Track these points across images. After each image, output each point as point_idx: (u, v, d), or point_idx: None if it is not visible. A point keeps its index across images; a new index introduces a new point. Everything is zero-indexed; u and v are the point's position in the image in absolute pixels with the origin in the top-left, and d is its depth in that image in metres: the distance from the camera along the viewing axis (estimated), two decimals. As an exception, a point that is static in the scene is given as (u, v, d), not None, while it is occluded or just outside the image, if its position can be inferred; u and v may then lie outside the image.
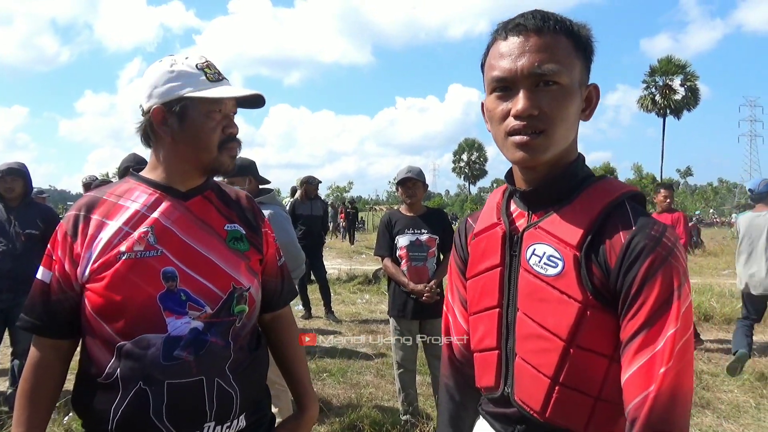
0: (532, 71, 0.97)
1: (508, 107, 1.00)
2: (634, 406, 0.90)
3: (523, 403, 1.06)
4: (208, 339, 1.21)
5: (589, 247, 0.99)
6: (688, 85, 44.09)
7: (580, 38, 1.01)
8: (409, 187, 3.73)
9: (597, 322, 0.97)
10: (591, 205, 1.01)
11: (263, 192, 3.37)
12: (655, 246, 0.93)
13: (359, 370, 5.03)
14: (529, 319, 1.04)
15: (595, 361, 0.98)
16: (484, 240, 1.16)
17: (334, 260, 13.89)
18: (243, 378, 1.27)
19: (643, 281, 0.92)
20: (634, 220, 0.98)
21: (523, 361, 1.06)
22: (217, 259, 1.26)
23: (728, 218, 39.83)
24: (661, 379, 0.88)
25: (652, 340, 0.90)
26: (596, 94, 1.07)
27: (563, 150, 1.04)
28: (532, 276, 1.04)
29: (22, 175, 4.06)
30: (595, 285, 0.97)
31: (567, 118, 1.00)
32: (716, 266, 13.54)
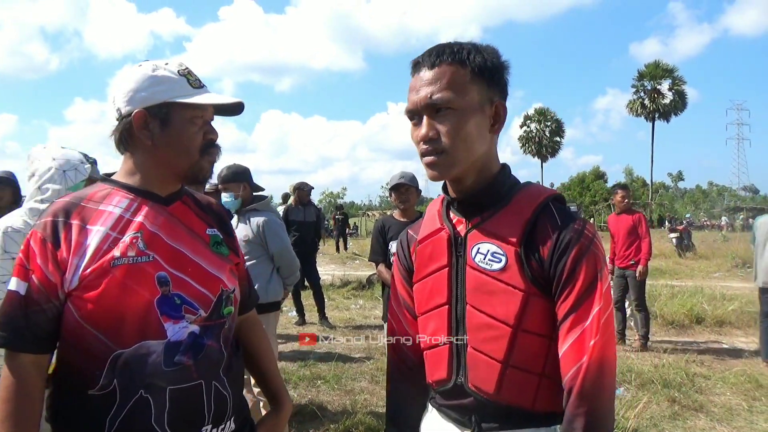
0: (426, 102, 1.13)
1: (418, 133, 1.16)
2: (570, 376, 1.06)
3: (476, 388, 1.17)
4: (205, 342, 1.21)
5: (526, 244, 1.13)
6: (676, 89, 44.58)
7: (475, 65, 1.14)
8: (402, 193, 3.73)
9: (538, 308, 1.12)
10: (523, 208, 1.17)
11: (257, 198, 3.36)
12: (579, 238, 1.11)
13: (354, 377, 5.01)
14: (478, 311, 1.17)
15: (538, 342, 1.13)
16: (429, 245, 1.27)
17: (327, 266, 13.86)
18: (234, 380, 1.29)
19: (572, 268, 1.09)
20: (560, 218, 1.15)
21: (474, 350, 1.18)
22: (204, 263, 1.26)
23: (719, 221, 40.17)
24: (591, 351, 1.04)
25: (581, 317, 1.07)
26: (503, 110, 1.19)
27: (476, 163, 1.17)
28: (478, 272, 1.17)
29: (11, 184, 4.02)
30: (534, 275, 1.12)
31: (465, 137, 1.13)
32: (707, 269, 13.64)
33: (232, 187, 3.29)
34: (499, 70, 1.18)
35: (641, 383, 4.75)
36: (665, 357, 5.72)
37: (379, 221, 4.01)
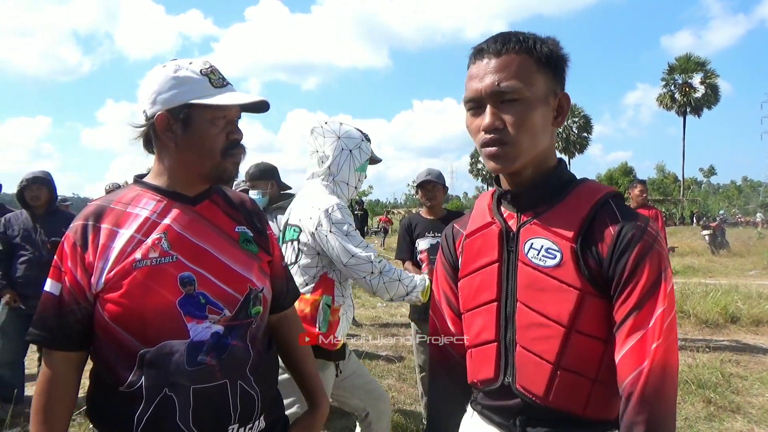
0: (493, 90, 1.08)
1: (480, 123, 1.11)
2: (630, 381, 0.99)
3: (525, 390, 1.13)
4: (230, 342, 1.21)
5: (583, 240, 1.09)
6: (708, 82, 43.43)
7: (541, 54, 1.11)
8: (428, 190, 3.71)
9: (594, 308, 1.07)
10: (581, 204, 1.12)
11: (284, 197, 3.38)
12: (642, 235, 1.05)
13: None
14: (530, 309, 1.12)
15: (593, 344, 1.08)
16: (479, 239, 1.24)
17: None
18: (262, 379, 1.28)
19: (634, 267, 1.03)
20: (621, 215, 1.09)
21: (524, 349, 1.13)
22: (231, 262, 1.26)
23: (753, 218, 39.01)
24: (653, 355, 0.98)
25: (643, 319, 1.01)
26: (566, 101, 1.16)
27: (537, 156, 1.14)
28: (531, 268, 1.13)
29: (47, 184, 4.14)
30: (591, 274, 1.07)
31: (530, 128, 1.09)
32: (743, 267, 13.28)
33: (259, 185, 3.32)
34: (562, 61, 1.15)
35: (674, 383, 4.64)
36: (699, 357, 5.58)
37: (405, 219, 4.00)
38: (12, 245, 4.04)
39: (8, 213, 4.28)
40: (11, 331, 4.01)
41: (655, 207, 6.48)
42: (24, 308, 3.99)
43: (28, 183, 4.06)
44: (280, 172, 3.56)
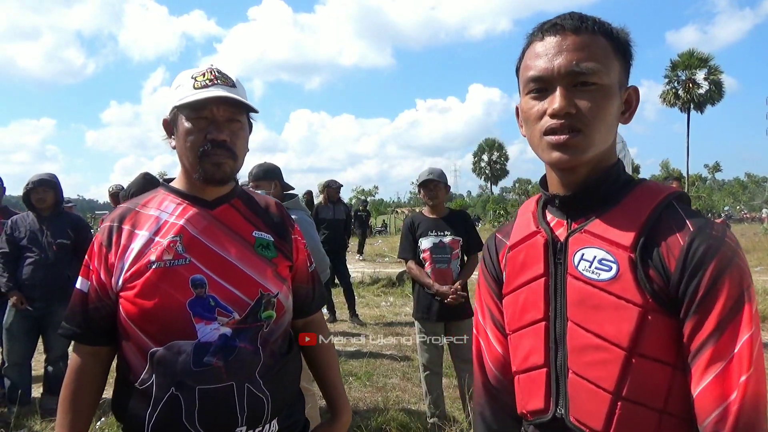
0: (569, 69, 0.95)
1: (545, 107, 0.97)
2: (714, 419, 0.84)
3: (580, 423, 0.98)
4: (237, 345, 1.22)
5: (643, 250, 0.93)
6: (712, 78, 43.21)
7: (618, 40, 0.99)
8: (431, 189, 3.72)
9: (658, 328, 0.91)
10: (639, 207, 0.97)
11: (288, 197, 3.40)
12: (719, 247, 0.89)
13: (385, 373, 5.03)
14: (583, 329, 0.97)
15: (659, 370, 0.92)
16: (522, 251, 1.10)
17: (357, 263, 13.91)
18: (274, 383, 1.28)
19: (710, 285, 0.87)
20: (690, 221, 0.93)
21: (577, 376, 0.98)
22: (244, 266, 1.27)
23: (759, 214, 38.81)
24: (743, 388, 0.83)
25: (726, 346, 0.85)
26: (636, 96, 1.04)
27: (602, 153, 1.00)
28: (582, 282, 0.98)
29: (53, 186, 4.16)
30: (654, 288, 0.92)
31: (605, 118, 0.96)
32: (748, 263, 13.21)
33: (263, 185, 3.32)
34: (631, 53, 1.02)
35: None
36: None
37: (408, 218, 4.01)
38: (18, 247, 4.07)
39: (14, 215, 4.30)
40: (18, 332, 4.05)
41: None
42: (31, 310, 4.02)
43: (34, 185, 4.08)
44: (283, 172, 3.58)
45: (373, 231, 20.37)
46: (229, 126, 1.28)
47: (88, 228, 4.62)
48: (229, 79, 1.31)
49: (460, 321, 3.60)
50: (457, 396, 3.99)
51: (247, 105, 1.31)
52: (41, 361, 4.33)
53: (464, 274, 3.67)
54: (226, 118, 1.28)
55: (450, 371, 4.24)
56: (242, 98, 1.29)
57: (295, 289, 1.43)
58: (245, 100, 1.30)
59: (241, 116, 1.31)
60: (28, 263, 4.05)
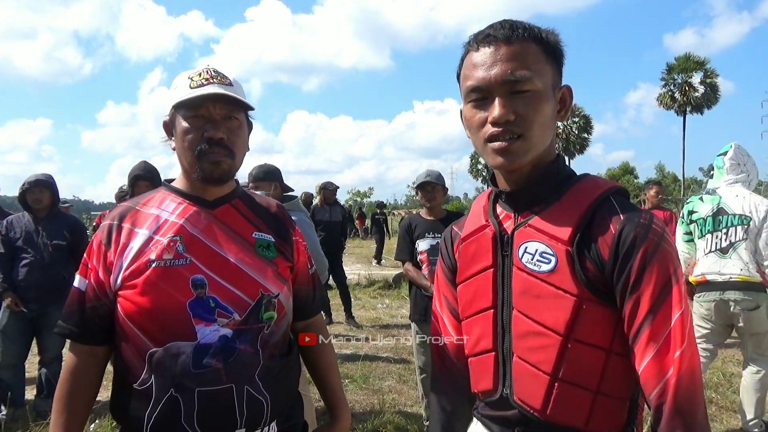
0: (505, 79, 1.01)
1: (485, 115, 1.04)
2: (657, 393, 0.93)
3: (522, 402, 1.07)
4: (237, 346, 1.22)
5: (580, 242, 1.01)
6: (708, 82, 43.42)
7: (548, 44, 1.06)
8: (428, 191, 3.72)
9: (593, 315, 1.00)
10: (578, 202, 1.05)
11: (287, 199, 3.39)
12: (646, 234, 0.97)
13: (381, 376, 5.02)
14: (525, 317, 1.06)
15: (593, 354, 1.01)
16: (474, 243, 1.18)
17: (353, 265, 13.89)
18: (273, 385, 1.27)
19: (641, 270, 0.95)
20: (622, 212, 1.01)
21: (520, 359, 1.07)
22: (244, 266, 1.27)
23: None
24: (678, 363, 0.92)
25: (660, 326, 0.94)
26: (569, 95, 1.11)
27: (542, 152, 1.07)
28: (526, 273, 1.06)
29: (50, 187, 4.14)
30: (589, 279, 1.00)
31: (542, 121, 1.03)
32: (743, 266, 13.25)
33: (263, 186, 3.32)
34: (562, 54, 1.10)
35: (675, 383, 4.64)
36: (700, 357, 5.58)
37: (405, 220, 4.01)
38: (13, 248, 4.04)
39: (8, 216, 4.28)
40: (12, 334, 4.02)
41: (669, 209, 6.49)
42: (25, 312, 4.00)
43: (30, 186, 4.06)
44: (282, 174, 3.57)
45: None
46: (226, 124, 1.27)
47: (85, 229, 4.60)
48: (225, 78, 1.31)
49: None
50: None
51: (243, 102, 1.30)
52: (35, 363, 4.30)
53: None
54: (222, 116, 1.27)
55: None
56: (238, 96, 1.29)
57: (295, 291, 1.42)
58: (241, 98, 1.30)
59: (238, 114, 1.31)
60: (24, 264, 4.02)
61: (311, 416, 2.80)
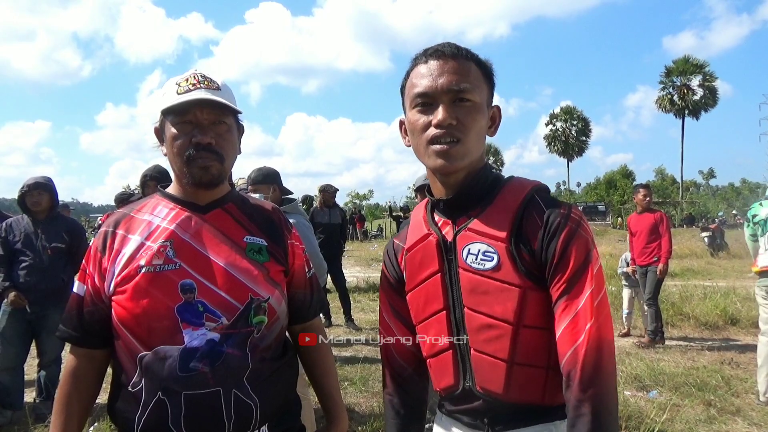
0: (450, 88, 1.13)
1: (429, 119, 1.15)
2: (567, 360, 1.05)
3: (485, 390, 1.17)
4: (225, 350, 1.22)
5: (515, 238, 1.14)
6: (707, 84, 43.53)
7: (486, 67, 1.21)
8: (427, 194, 3.72)
9: (536, 301, 1.12)
10: (509, 203, 1.17)
11: (286, 201, 3.40)
12: (566, 222, 1.11)
13: (379, 378, 4.99)
14: (477, 313, 1.16)
15: (540, 335, 1.13)
16: (419, 252, 1.26)
17: (352, 268, 13.89)
18: (263, 389, 1.26)
19: (562, 251, 1.09)
20: (545, 206, 1.15)
21: (478, 352, 1.17)
22: (234, 270, 1.27)
23: (752, 219, 38.84)
24: (587, 334, 1.04)
25: (574, 300, 1.07)
26: (499, 114, 1.25)
27: (475, 160, 1.19)
28: (472, 273, 1.16)
29: (49, 189, 4.14)
30: (527, 269, 1.12)
31: (478, 130, 1.16)
32: (741, 269, 13.25)
33: (261, 189, 3.33)
34: (494, 80, 1.24)
35: (674, 386, 4.65)
36: (699, 359, 5.59)
37: (405, 223, 4.01)
38: (12, 251, 4.04)
39: (7, 218, 4.28)
40: (12, 336, 4.02)
41: (659, 210, 6.60)
42: (29, 312, 3.99)
43: (30, 189, 4.06)
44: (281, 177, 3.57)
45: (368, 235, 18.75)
46: (214, 129, 1.28)
47: (83, 232, 4.60)
48: (213, 83, 1.32)
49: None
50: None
51: (230, 107, 1.31)
52: (34, 365, 4.30)
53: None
54: (210, 121, 1.28)
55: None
56: (225, 100, 1.29)
57: (291, 295, 1.42)
58: (228, 102, 1.30)
59: (226, 118, 1.31)
60: (23, 267, 4.02)
61: (310, 419, 2.80)
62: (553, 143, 52.45)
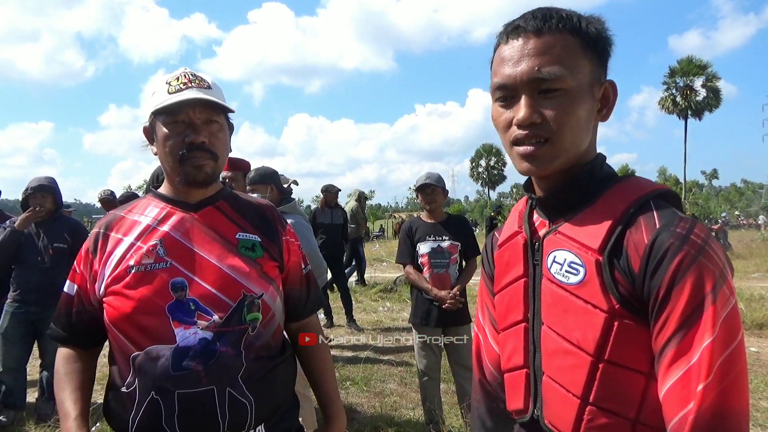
0: (531, 76, 0.92)
1: (511, 116, 0.96)
2: (673, 427, 0.81)
3: (553, 426, 0.98)
4: (218, 349, 1.21)
5: (612, 251, 0.90)
6: (710, 85, 43.40)
7: (588, 34, 0.95)
8: (428, 194, 3.72)
9: (627, 334, 0.88)
10: (613, 206, 0.93)
11: (285, 201, 3.39)
12: (682, 244, 0.84)
13: (383, 379, 5.02)
14: (554, 333, 0.97)
15: (630, 378, 0.89)
16: (507, 250, 1.10)
17: (354, 269, 13.87)
18: (258, 387, 1.25)
19: (671, 284, 0.83)
20: (659, 218, 0.88)
21: (550, 379, 0.98)
22: (226, 267, 1.27)
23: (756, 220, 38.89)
24: (700, 398, 0.78)
25: (685, 350, 0.81)
26: (613, 90, 1.00)
27: (576, 156, 0.97)
28: (555, 285, 0.96)
29: (52, 192, 4.14)
30: (621, 293, 0.89)
31: (575, 123, 0.93)
32: (745, 269, 13.21)
33: (259, 189, 3.32)
34: (608, 44, 0.98)
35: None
36: (702, 360, 5.56)
37: (406, 223, 4.01)
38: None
39: (7, 218, 4.27)
40: (14, 337, 4.02)
41: None
42: (29, 312, 4.00)
43: (34, 191, 4.05)
44: (281, 176, 3.58)
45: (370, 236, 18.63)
46: (207, 128, 1.28)
47: (86, 232, 4.59)
48: (203, 81, 1.32)
49: (459, 326, 3.58)
50: (454, 402, 3.98)
51: (223, 106, 1.31)
52: (36, 366, 4.30)
53: (462, 279, 3.65)
54: (203, 120, 1.28)
55: (448, 377, 4.22)
56: (217, 99, 1.29)
57: (287, 291, 1.41)
58: (220, 101, 1.30)
59: (218, 117, 1.31)
60: (25, 267, 4.02)
61: (312, 419, 2.80)
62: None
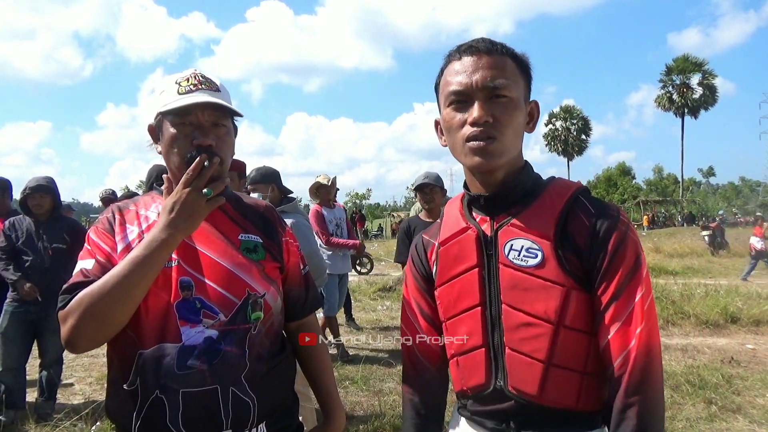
0: (485, 84, 1.12)
1: (465, 117, 1.14)
2: (618, 364, 1.04)
3: (518, 391, 1.14)
4: (222, 348, 1.22)
5: (560, 237, 1.12)
6: (706, 83, 43.51)
7: (522, 62, 1.18)
8: (426, 193, 3.73)
9: (578, 303, 1.11)
10: (554, 202, 1.16)
11: (286, 201, 3.40)
12: (616, 224, 1.10)
13: (382, 377, 5.03)
14: (516, 310, 1.14)
15: (580, 338, 1.11)
16: (455, 245, 1.24)
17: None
18: (261, 386, 1.27)
19: (613, 254, 1.08)
20: (593, 207, 1.14)
21: (513, 351, 1.14)
22: (230, 266, 1.28)
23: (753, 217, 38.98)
24: (638, 338, 1.04)
25: (625, 304, 1.06)
26: (537, 109, 1.23)
27: (514, 158, 1.18)
28: (513, 269, 1.15)
29: (51, 191, 4.14)
30: (572, 269, 1.11)
31: (516, 127, 1.14)
32: (742, 267, 13.27)
33: (260, 189, 3.34)
34: (531, 74, 1.21)
35: (675, 384, 4.65)
36: (700, 357, 5.60)
37: (405, 222, 4.03)
38: (15, 249, 4.04)
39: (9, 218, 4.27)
40: (13, 336, 4.02)
41: None
42: (29, 312, 4.01)
43: (32, 191, 4.04)
44: (281, 176, 3.58)
45: (369, 235, 18.94)
46: (214, 131, 1.28)
47: (85, 232, 4.58)
48: (213, 84, 1.32)
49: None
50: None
51: (232, 110, 1.32)
52: (36, 365, 4.30)
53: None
54: (211, 123, 1.28)
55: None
56: (227, 103, 1.30)
57: (286, 292, 1.42)
58: (230, 105, 1.31)
59: (226, 121, 1.32)
60: (24, 267, 4.02)
61: (312, 417, 2.80)
62: (553, 143, 52.41)
